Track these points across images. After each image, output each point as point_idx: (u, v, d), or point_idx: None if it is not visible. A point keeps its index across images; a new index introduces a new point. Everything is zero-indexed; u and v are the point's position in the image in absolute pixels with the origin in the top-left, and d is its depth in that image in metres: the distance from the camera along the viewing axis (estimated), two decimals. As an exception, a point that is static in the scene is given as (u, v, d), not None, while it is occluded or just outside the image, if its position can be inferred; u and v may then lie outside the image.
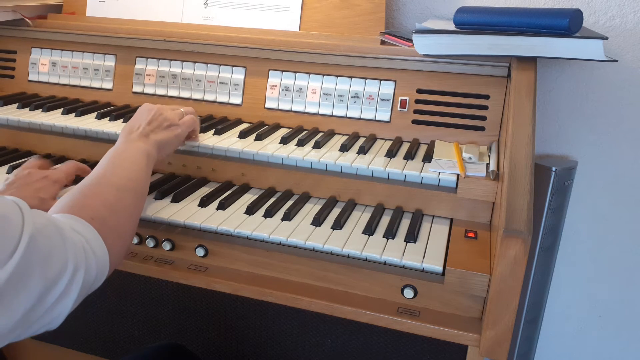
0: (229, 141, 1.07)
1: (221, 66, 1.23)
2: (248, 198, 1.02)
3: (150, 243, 0.94)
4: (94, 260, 0.63)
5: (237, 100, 1.23)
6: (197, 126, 1.06)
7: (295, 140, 1.07)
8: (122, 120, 1.16)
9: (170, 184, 1.04)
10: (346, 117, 1.15)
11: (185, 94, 1.26)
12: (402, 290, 0.83)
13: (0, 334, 0.52)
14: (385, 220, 0.94)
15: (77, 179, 0.98)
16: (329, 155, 1.01)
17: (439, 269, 0.81)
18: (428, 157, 1.00)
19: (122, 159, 0.84)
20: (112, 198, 0.75)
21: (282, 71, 1.19)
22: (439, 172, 0.94)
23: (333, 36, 1.18)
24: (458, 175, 0.92)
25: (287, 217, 0.93)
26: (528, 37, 0.95)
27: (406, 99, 1.11)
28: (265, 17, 1.23)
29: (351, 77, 1.15)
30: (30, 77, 1.38)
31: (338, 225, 0.91)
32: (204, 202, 0.97)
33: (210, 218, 0.93)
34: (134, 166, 0.83)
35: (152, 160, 0.89)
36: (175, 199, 0.99)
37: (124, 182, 0.79)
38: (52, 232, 0.58)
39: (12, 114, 1.20)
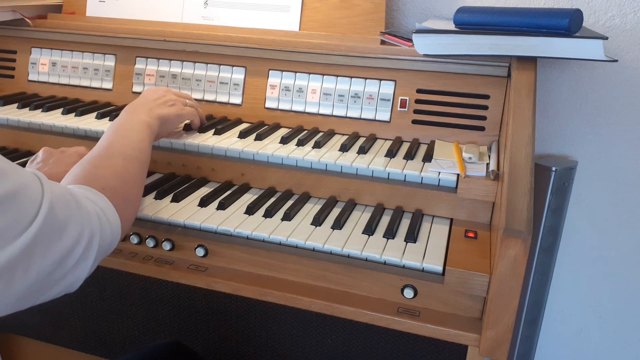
0: (229, 141, 1.07)
1: (221, 66, 1.23)
2: (248, 198, 1.02)
3: (150, 243, 0.94)
4: (108, 227, 0.67)
5: (237, 100, 1.23)
6: (196, 119, 1.10)
7: (295, 140, 1.07)
8: (122, 120, 1.16)
9: (170, 184, 1.04)
10: (346, 117, 1.15)
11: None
12: (402, 290, 0.83)
13: (24, 294, 0.57)
14: (385, 220, 0.94)
15: None
16: (329, 155, 1.01)
17: (439, 269, 0.81)
18: (428, 157, 1.00)
19: (126, 129, 0.88)
20: (121, 167, 0.79)
21: (282, 71, 1.19)
22: (439, 172, 0.94)
23: (333, 36, 1.18)
24: (458, 175, 0.92)
25: (287, 217, 0.93)
26: (528, 37, 0.95)
27: (406, 99, 1.11)
28: (265, 17, 1.23)
29: (351, 77, 1.15)
30: (30, 77, 1.38)
31: (338, 225, 0.91)
32: (204, 202, 0.97)
33: (210, 218, 0.93)
34: (137, 136, 0.88)
35: (154, 133, 0.94)
36: (175, 199, 0.98)
37: (130, 152, 0.83)
38: (69, 200, 0.62)
39: (12, 114, 1.20)
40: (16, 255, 0.53)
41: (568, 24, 0.92)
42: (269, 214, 0.94)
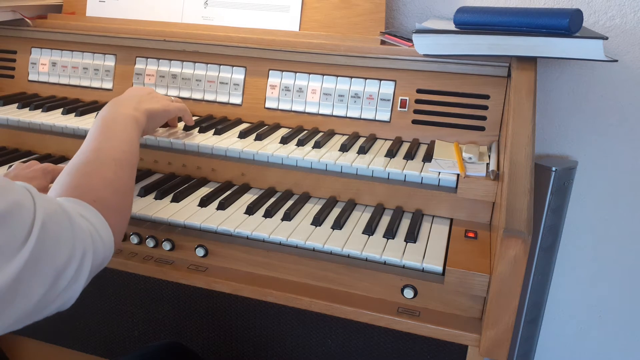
0: (229, 141, 1.07)
1: (221, 66, 1.23)
2: (248, 198, 1.02)
3: (150, 243, 0.94)
4: (101, 245, 0.65)
5: (237, 100, 1.23)
6: (187, 114, 1.09)
7: (295, 140, 1.07)
8: (122, 120, 1.16)
9: (170, 184, 1.04)
10: (346, 117, 1.15)
11: (185, 94, 1.26)
12: (402, 290, 0.83)
13: (19, 317, 0.54)
14: (385, 220, 0.94)
15: None
16: (329, 155, 1.01)
17: (439, 269, 0.81)
18: (428, 157, 1.00)
19: (114, 128, 0.84)
20: (111, 174, 0.75)
21: (282, 71, 1.19)
22: (439, 172, 0.94)
23: (333, 36, 1.18)
24: (458, 175, 0.92)
25: (287, 217, 0.93)
26: (528, 37, 0.95)
27: (406, 99, 1.11)
28: (265, 17, 1.23)
29: (351, 77, 1.15)
30: (30, 77, 1.38)
31: (338, 225, 0.91)
32: (204, 202, 0.97)
33: (210, 218, 0.93)
34: (125, 135, 0.84)
35: (141, 129, 0.90)
36: (175, 199, 0.99)
37: (120, 155, 0.79)
38: (62, 218, 0.59)
39: (12, 114, 1.20)
40: (8, 280, 0.50)
41: (568, 24, 0.92)
42: (269, 214, 0.94)
